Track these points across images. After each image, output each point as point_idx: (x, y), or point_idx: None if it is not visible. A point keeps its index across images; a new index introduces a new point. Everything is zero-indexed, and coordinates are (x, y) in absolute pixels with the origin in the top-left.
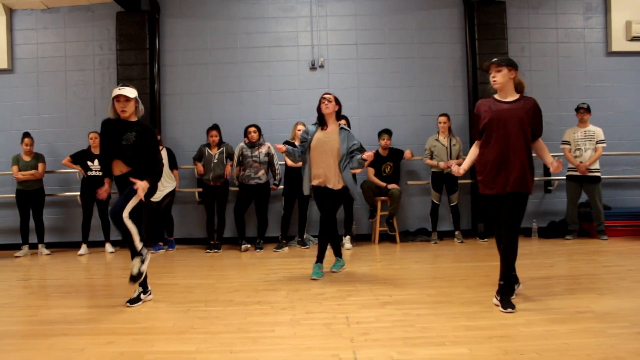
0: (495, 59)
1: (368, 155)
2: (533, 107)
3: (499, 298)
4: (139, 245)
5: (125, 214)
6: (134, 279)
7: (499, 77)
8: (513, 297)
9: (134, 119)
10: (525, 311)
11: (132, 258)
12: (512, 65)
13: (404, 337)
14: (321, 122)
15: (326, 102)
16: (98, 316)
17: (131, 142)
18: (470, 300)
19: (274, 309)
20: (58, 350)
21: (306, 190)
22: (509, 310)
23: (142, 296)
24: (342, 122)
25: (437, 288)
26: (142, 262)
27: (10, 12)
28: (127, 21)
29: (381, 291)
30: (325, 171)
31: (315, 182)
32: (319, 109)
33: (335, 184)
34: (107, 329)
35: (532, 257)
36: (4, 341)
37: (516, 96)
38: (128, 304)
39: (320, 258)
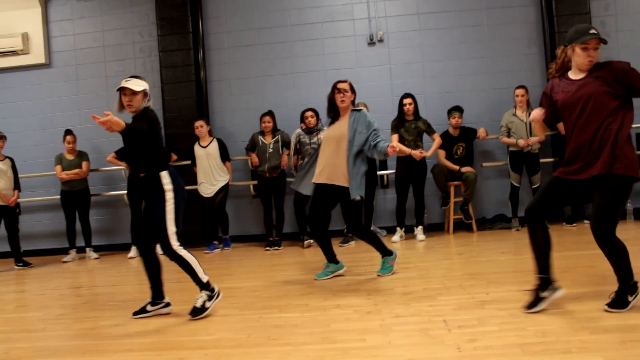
0: (595, 31)
1: (393, 147)
2: (617, 71)
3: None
4: (204, 277)
5: (175, 244)
6: (194, 312)
7: (597, 58)
8: None
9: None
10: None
11: (200, 288)
12: None
13: (520, 343)
14: (335, 115)
15: (342, 94)
16: (162, 327)
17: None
18: (582, 296)
19: (358, 313)
20: None
21: (305, 190)
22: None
23: (207, 304)
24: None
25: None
26: (210, 298)
27: (45, 4)
28: (168, 4)
29: (474, 289)
30: (325, 165)
31: (315, 180)
32: (332, 100)
33: (339, 178)
34: (175, 343)
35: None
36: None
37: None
38: (191, 317)
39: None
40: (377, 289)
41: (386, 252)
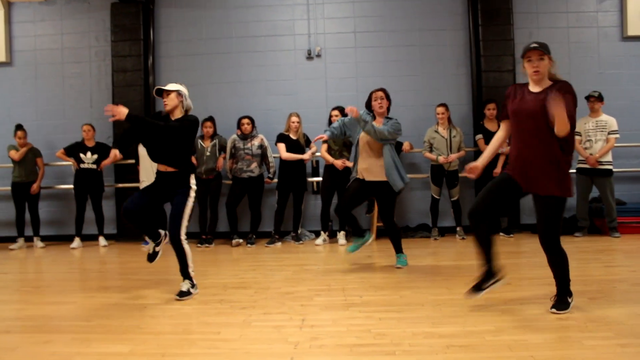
0: (536, 44)
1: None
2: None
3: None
4: (192, 271)
5: (183, 236)
6: (182, 294)
7: (542, 67)
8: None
9: (177, 114)
10: (500, 317)
11: (183, 278)
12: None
13: (354, 344)
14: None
15: (379, 101)
16: (53, 313)
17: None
18: (444, 302)
19: (233, 308)
20: None
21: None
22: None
23: (192, 290)
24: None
25: (415, 289)
26: (193, 286)
27: (8, 5)
28: (122, 12)
29: (354, 292)
30: (369, 166)
31: (358, 175)
32: (369, 106)
33: (381, 174)
34: (51, 327)
35: (530, 255)
36: None
37: (547, 80)
38: (178, 298)
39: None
40: (267, 287)
41: (400, 250)
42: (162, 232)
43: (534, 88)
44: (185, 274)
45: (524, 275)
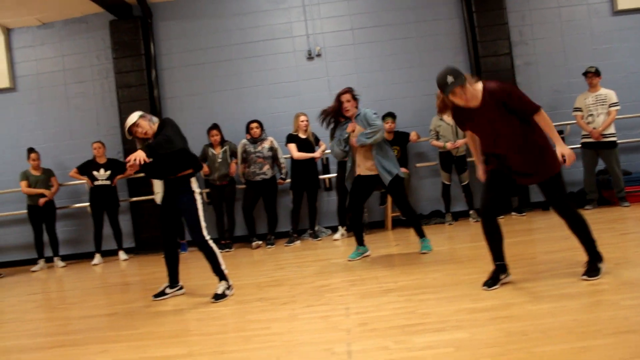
0: (451, 79)
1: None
2: (501, 95)
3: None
4: (225, 269)
5: (207, 236)
6: (217, 297)
7: (468, 95)
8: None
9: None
10: (535, 287)
11: (219, 279)
12: (462, 78)
13: (403, 325)
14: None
15: (345, 104)
16: (96, 325)
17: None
18: (477, 281)
19: (274, 304)
20: None
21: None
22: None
23: (227, 292)
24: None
25: (444, 271)
26: (229, 287)
27: (7, 32)
28: (121, 29)
29: (386, 279)
30: (360, 161)
31: (356, 174)
32: (339, 111)
33: (374, 168)
34: (102, 338)
35: (548, 230)
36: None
37: (479, 93)
38: (213, 300)
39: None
40: (300, 282)
41: (422, 234)
42: (181, 286)
43: (474, 104)
44: (220, 273)
45: (547, 249)
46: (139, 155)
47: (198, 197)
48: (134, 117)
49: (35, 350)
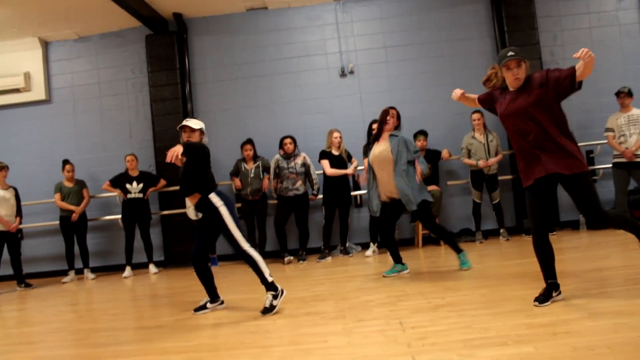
0: (512, 53)
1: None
2: (540, 75)
3: None
4: (269, 277)
5: (245, 245)
6: (265, 311)
7: (522, 74)
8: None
9: None
10: (588, 304)
11: (266, 289)
12: (523, 56)
13: (463, 339)
14: (377, 136)
15: (389, 119)
16: (147, 336)
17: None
18: (526, 297)
19: (324, 319)
20: None
21: (374, 208)
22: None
23: (274, 302)
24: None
25: (490, 287)
26: (275, 297)
27: (45, 45)
28: (156, 43)
29: (433, 295)
30: (385, 185)
31: (382, 198)
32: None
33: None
34: (159, 349)
35: (583, 249)
36: None
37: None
38: (262, 314)
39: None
40: (344, 297)
41: (459, 250)
42: (221, 299)
43: (516, 85)
44: (265, 282)
45: (588, 267)
46: (177, 150)
47: (224, 211)
48: (198, 124)
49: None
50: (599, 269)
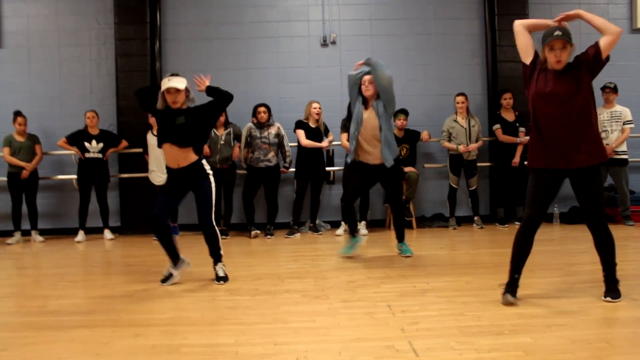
0: (560, 32)
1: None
2: (580, 57)
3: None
4: (222, 252)
5: (214, 221)
6: (223, 279)
7: (564, 58)
8: None
9: (184, 107)
10: (582, 297)
11: (215, 261)
12: (571, 38)
13: (459, 326)
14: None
15: (366, 84)
16: (115, 306)
17: (182, 123)
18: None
19: (307, 297)
20: (80, 343)
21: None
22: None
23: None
24: None
25: (474, 275)
26: (224, 266)
27: None
28: None
29: (416, 279)
30: (370, 148)
31: (360, 159)
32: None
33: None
34: (130, 321)
35: (560, 242)
36: (18, 334)
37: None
38: (222, 282)
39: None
40: (323, 276)
41: (402, 238)
42: (183, 258)
43: (559, 67)
44: (217, 256)
45: (570, 261)
46: (205, 81)
47: (212, 180)
48: (182, 82)
49: (59, 329)
50: (582, 263)
